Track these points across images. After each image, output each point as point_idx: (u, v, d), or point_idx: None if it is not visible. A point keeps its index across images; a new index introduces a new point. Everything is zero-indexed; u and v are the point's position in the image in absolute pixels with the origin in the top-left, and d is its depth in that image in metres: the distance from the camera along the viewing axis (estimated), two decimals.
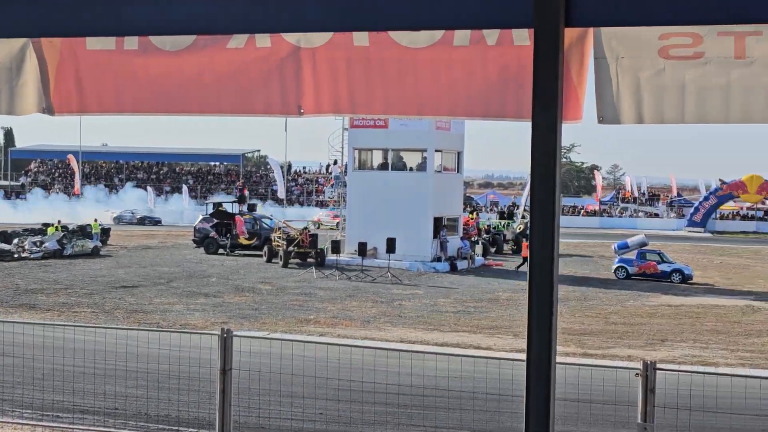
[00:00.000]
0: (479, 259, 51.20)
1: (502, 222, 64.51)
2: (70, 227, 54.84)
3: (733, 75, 4.63)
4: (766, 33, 4.51)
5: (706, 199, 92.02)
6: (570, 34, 4.66)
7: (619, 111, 4.87)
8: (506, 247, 59.00)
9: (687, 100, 4.74)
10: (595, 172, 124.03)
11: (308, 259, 46.70)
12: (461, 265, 48.21)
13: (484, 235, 58.04)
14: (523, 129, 4.60)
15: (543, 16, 4.43)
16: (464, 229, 53.83)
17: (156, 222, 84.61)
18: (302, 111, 5.32)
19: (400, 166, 50.52)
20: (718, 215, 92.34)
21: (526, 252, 48.24)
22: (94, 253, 50.68)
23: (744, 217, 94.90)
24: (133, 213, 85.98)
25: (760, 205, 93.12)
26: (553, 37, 4.46)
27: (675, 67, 4.70)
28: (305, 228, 48.94)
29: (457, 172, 52.90)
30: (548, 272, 4.57)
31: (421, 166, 49.89)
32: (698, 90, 4.70)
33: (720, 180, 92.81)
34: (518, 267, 47.24)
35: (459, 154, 52.33)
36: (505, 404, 13.19)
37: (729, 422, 12.66)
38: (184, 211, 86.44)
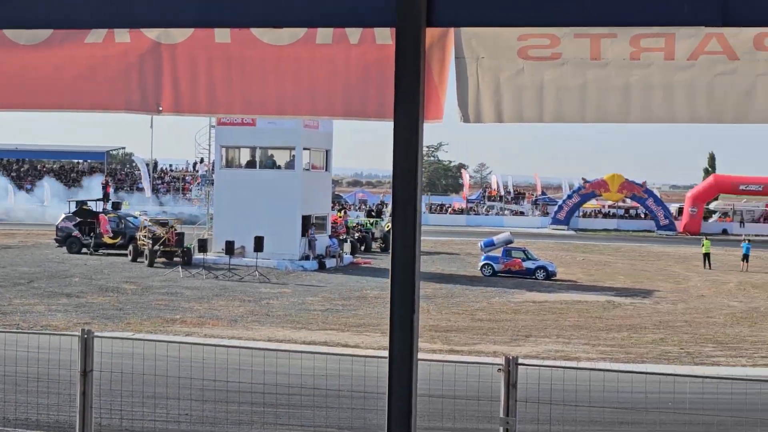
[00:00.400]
0: (348, 258, 51.31)
1: (371, 220, 64.79)
2: None
3: (589, 75, 4.75)
4: (621, 35, 4.63)
5: (569, 197, 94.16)
6: (431, 33, 4.70)
7: (479, 110, 4.94)
8: (375, 246, 59.30)
9: (545, 99, 4.85)
10: (463, 170, 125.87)
11: (174, 258, 46.06)
12: (329, 263, 48.25)
13: (355, 234, 58.27)
14: (392, 128, 4.62)
15: (405, 16, 4.45)
16: (333, 227, 53.91)
17: None
18: (161, 109, 5.23)
19: (269, 164, 50.24)
20: (581, 213, 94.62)
21: None
22: None
23: (606, 215, 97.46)
24: None
25: (621, 203, 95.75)
26: (414, 36, 4.49)
27: (534, 67, 4.80)
28: (171, 226, 48.23)
29: (326, 170, 52.92)
30: (410, 270, 4.60)
31: (290, 165, 49.72)
32: (556, 90, 4.81)
33: (583, 179, 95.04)
34: None
35: (327, 153, 52.37)
36: (371, 401, 13.26)
37: (589, 415, 12.99)
38: (45, 209, 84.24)
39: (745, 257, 52.45)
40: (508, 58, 4.79)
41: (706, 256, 53.38)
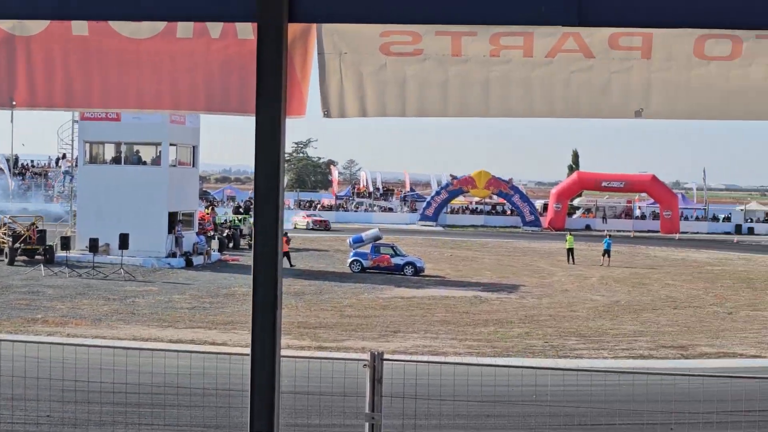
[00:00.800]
0: (215, 255, 50.83)
1: (239, 217, 64.31)
2: None
3: (451, 71, 4.83)
4: (481, 33, 4.71)
5: (437, 194, 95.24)
6: (294, 29, 4.69)
7: (343, 105, 4.97)
8: (243, 243, 58.82)
9: (408, 94, 4.91)
10: (332, 167, 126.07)
11: (36, 257, 44.85)
12: (197, 260, 47.69)
13: (224, 231, 57.78)
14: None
15: (267, 11, 4.44)
16: (200, 224, 53.32)
17: None
18: (14, 103, 5.07)
19: (135, 160, 49.34)
20: (449, 209, 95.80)
21: (285, 247, 48.35)
22: None
23: (473, 212, 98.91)
24: None
25: (488, 200, 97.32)
26: (276, 32, 4.48)
27: (396, 63, 4.84)
28: (32, 224, 46.93)
29: (193, 166, 52.23)
30: (272, 266, 4.58)
31: (156, 161, 48.94)
32: (418, 85, 4.88)
33: (451, 175, 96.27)
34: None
35: (195, 149, 51.69)
36: (237, 400, 13.15)
37: (455, 409, 13.18)
38: None
39: (606, 252, 53.91)
40: (371, 54, 4.83)
41: (570, 251, 54.68)
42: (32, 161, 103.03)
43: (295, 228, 77.32)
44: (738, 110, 4.99)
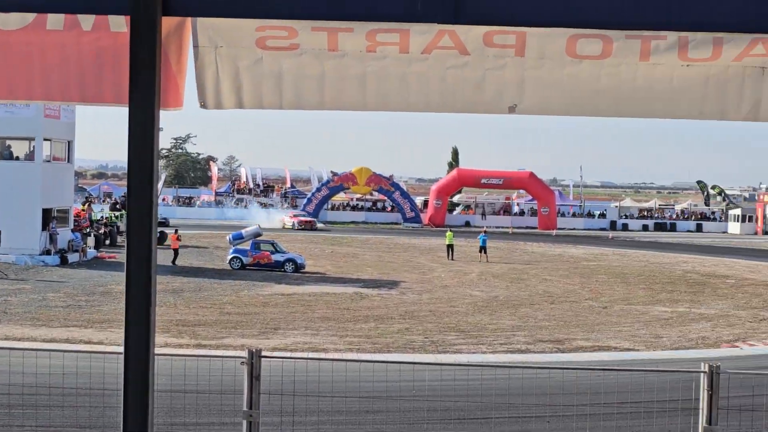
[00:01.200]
0: (92, 252, 49.86)
1: (116, 214, 63.21)
2: None
3: (327, 65, 4.85)
4: (357, 30, 4.74)
5: (318, 190, 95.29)
6: (168, 22, 4.64)
7: (219, 97, 4.97)
8: (120, 239, 57.81)
9: (284, 87, 4.93)
10: (211, 163, 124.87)
11: None
12: (72, 258, 46.69)
13: (100, 228, 56.72)
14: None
15: (140, 4, 4.37)
16: (76, 221, 52.22)
17: None
18: None
19: (6, 155, 47.97)
20: (329, 206, 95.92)
21: (176, 244, 47.57)
22: None
23: (354, 208, 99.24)
24: None
25: (369, 196, 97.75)
26: (150, 25, 4.41)
27: (272, 56, 4.85)
28: None
29: (68, 161, 51.05)
30: (146, 263, 4.51)
31: (29, 156, 47.68)
32: (295, 79, 4.90)
33: (331, 172, 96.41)
34: (174, 260, 46.75)
35: (70, 143, 50.52)
36: (112, 399, 12.94)
37: (334, 405, 13.19)
38: None
39: (482, 249, 54.58)
40: (247, 48, 4.82)
41: (450, 247, 55.27)
42: None
43: (283, 228, 77.47)
44: (608, 108, 5.13)
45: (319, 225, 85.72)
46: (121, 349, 4.55)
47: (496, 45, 4.82)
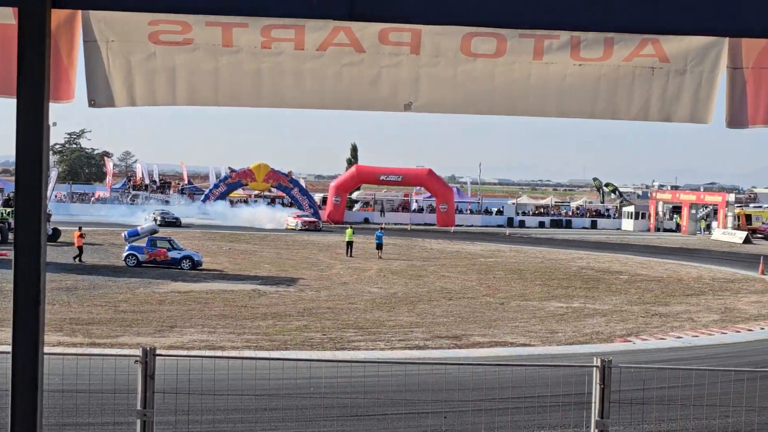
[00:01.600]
0: None
1: (7, 210, 61.69)
2: None
3: (222, 61, 4.81)
4: (252, 25, 4.72)
5: (215, 186, 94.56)
6: (59, 15, 4.56)
7: (110, 94, 4.87)
8: (12, 237, 56.49)
9: (178, 83, 4.87)
10: (106, 158, 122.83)
11: None
12: None
13: None
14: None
15: None
16: None
17: None
18: None
19: None
20: (228, 202, 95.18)
21: (80, 242, 46.59)
22: None
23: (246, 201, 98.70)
24: None
25: (267, 193, 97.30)
26: (39, 17, 4.32)
27: (165, 51, 4.79)
28: None
29: None
30: (35, 260, 4.42)
31: None
32: (188, 74, 4.84)
33: (229, 168, 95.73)
34: (76, 257, 45.79)
35: None
36: (1, 400, 12.68)
37: (230, 403, 13.13)
38: None
39: (379, 246, 54.69)
40: (139, 42, 4.75)
41: (349, 244, 55.33)
42: None
43: (286, 228, 76.48)
44: (503, 106, 5.20)
45: (217, 221, 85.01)
46: (10, 348, 4.45)
47: (391, 42, 4.85)
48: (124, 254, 45.96)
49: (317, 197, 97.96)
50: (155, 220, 78.35)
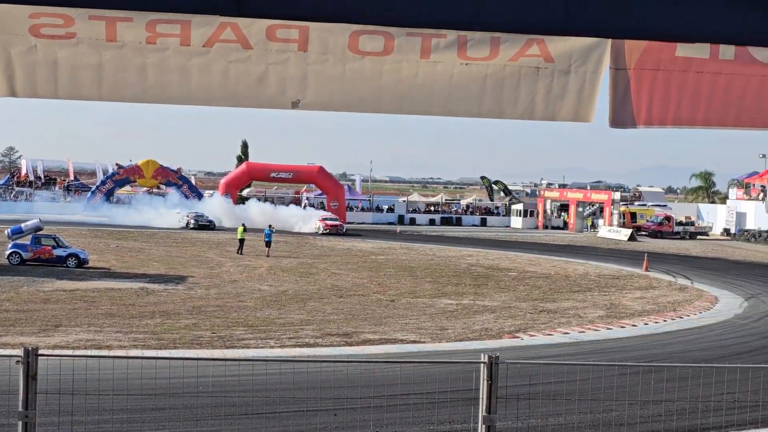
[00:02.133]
0: None
1: None
2: None
3: (105, 56, 4.75)
4: (137, 19, 4.66)
5: (103, 183, 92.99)
6: None
7: None
8: None
9: (60, 76, 4.79)
10: None
11: None
12: None
13: None
14: None
15: None
16: None
17: None
18: None
19: None
20: (115, 199, 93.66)
21: None
22: None
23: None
24: None
25: (155, 189, 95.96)
26: None
27: (47, 45, 4.70)
28: None
29: None
30: None
31: None
32: (71, 68, 4.77)
33: (117, 164, 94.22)
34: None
35: None
36: None
37: (113, 404, 12.93)
38: None
39: (268, 243, 54.35)
40: (20, 35, 4.66)
41: (241, 241, 54.91)
42: None
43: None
44: (391, 104, 5.23)
45: (104, 219, 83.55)
46: None
47: (279, 39, 4.83)
48: (7, 252, 44.76)
49: (207, 194, 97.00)
50: (188, 224, 76.57)
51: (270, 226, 57.52)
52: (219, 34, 4.75)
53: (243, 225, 58.18)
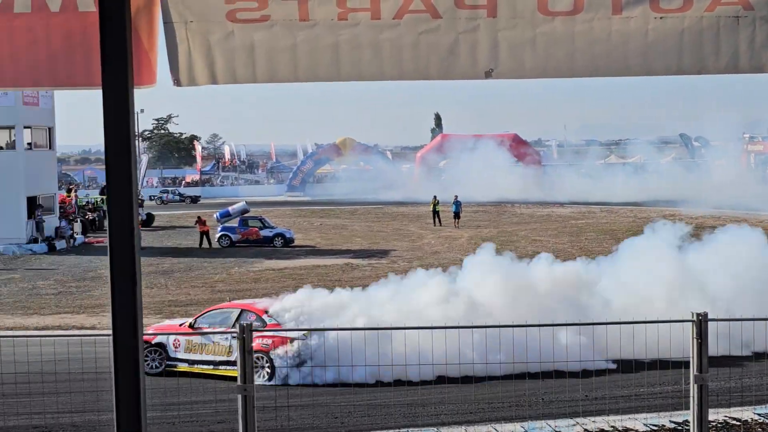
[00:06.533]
0: (80, 238, 49.79)
1: (102, 197, 63.00)
2: None
3: (299, 36, 4.80)
4: None
5: (303, 163, 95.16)
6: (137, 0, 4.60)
7: (192, 73, 4.89)
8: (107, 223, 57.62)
9: (257, 60, 4.87)
10: (195, 142, 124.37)
11: None
12: (60, 244, 46.64)
13: (86, 213, 56.73)
14: None
15: None
16: (62, 207, 52.10)
17: None
18: None
19: None
20: (315, 178, 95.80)
21: (204, 227, 46.59)
22: None
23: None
24: None
25: (353, 167, 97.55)
26: (117, 3, 4.38)
27: (243, 29, 4.79)
28: None
29: (50, 148, 50.89)
30: (129, 244, 4.50)
31: (11, 144, 47.47)
32: (267, 51, 4.84)
33: (315, 144, 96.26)
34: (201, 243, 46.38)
35: (50, 130, 50.34)
36: (106, 383, 12.99)
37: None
38: None
39: (456, 215, 54.06)
40: (217, 22, 4.77)
41: (436, 213, 55.15)
42: None
43: None
44: (585, 68, 5.07)
45: (306, 198, 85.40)
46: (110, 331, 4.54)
47: (467, 6, 4.77)
48: (217, 235, 46.46)
49: (405, 167, 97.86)
50: None
51: (456, 196, 57.05)
52: (408, 5, 4.72)
53: (435, 197, 58.18)
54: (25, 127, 47.44)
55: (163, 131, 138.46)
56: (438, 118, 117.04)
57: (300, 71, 4.88)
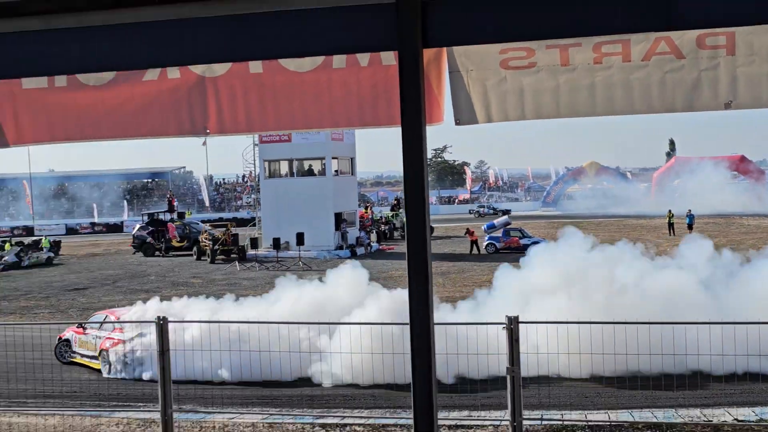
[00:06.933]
0: (375, 245, 51.38)
1: (392, 213, 64.76)
2: (26, 242, 53.42)
3: (561, 79, 4.76)
4: (585, 44, 4.64)
5: (555, 183, 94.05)
6: (428, 53, 4.72)
7: (472, 114, 4.96)
8: (397, 234, 59.27)
9: (526, 101, 4.87)
10: (465, 167, 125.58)
11: (231, 255, 46.19)
12: (360, 251, 48.29)
13: (380, 226, 58.57)
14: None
15: (404, 41, 4.46)
16: (360, 221, 54.00)
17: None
18: (208, 131, 5.25)
19: (305, 172, 50.35)
20: (566, 197, 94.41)
21: (475, 236, 47.54)
22: (49, 263, 49.21)
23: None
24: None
25: (598, 186, 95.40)
26: (413, 57, 4.50)
27: (514, 75, 4.81)
28: (227, 229, 48.38)
29: (352, 174, 52.97)
30: (423, 252, 4.62)
31: (322, 172, 49.85)
32: (534, 93, 4.83)
33: (566, 167, 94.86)
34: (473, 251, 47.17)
35: (352, 160, 52.43)
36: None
37: None
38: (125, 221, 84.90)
39: (689, 226, 51.51)
40: (493, 69, 4.82)
41: (671, 225, 52.95)
42: (224, 179, 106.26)
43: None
44: None
45: (558, 212, 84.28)
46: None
47: (708, 46, 4.58)
48: (485, 244, 46.70)
49: (642, 186, 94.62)
50: None
51: (689, 210, 54.65)
52: (655, 48, 4.60)
53: (669, 211, 55.80)
54: (333, 158, 49.62)
55: (440, 159, 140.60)
56: (672, 143, 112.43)
57: (561, 108, 4.84)
